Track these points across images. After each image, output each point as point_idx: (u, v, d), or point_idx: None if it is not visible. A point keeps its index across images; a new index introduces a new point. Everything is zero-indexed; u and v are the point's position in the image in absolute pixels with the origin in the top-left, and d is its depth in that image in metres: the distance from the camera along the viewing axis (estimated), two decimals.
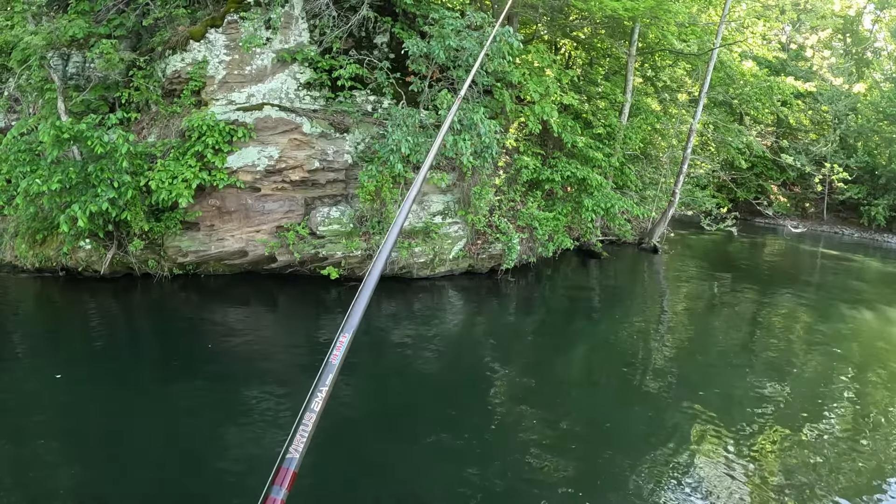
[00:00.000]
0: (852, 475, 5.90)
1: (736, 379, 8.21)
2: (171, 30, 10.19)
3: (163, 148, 9.87)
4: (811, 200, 27.45)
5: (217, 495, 5.01)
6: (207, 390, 6.80)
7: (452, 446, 6.00)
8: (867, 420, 7.24)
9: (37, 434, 5.79)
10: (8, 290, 10.14)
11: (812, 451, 6.34)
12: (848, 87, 25.01)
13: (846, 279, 16.86)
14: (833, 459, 6.17)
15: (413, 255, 10.86)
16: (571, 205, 13.78)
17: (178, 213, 9.97)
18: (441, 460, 5.76)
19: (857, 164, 24.88)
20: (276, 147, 9.98)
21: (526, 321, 10.74)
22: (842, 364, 9.12)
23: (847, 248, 22.44)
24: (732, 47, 18.74)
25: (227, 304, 9.95)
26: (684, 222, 23.37)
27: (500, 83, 11.72)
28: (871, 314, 12.59)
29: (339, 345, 1.96)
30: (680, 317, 11.82)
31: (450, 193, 11.45)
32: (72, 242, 9.68)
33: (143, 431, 5.87)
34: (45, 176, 9.00)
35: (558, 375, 8.23)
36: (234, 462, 5.45)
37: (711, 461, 5.96)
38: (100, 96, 10.49)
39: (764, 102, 19.15)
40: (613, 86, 16.50)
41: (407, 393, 7.21)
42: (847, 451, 6.38)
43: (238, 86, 10.11)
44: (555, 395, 7.48)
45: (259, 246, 10.28)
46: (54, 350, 7.89)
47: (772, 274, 17.12)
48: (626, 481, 5.56)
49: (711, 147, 21.76)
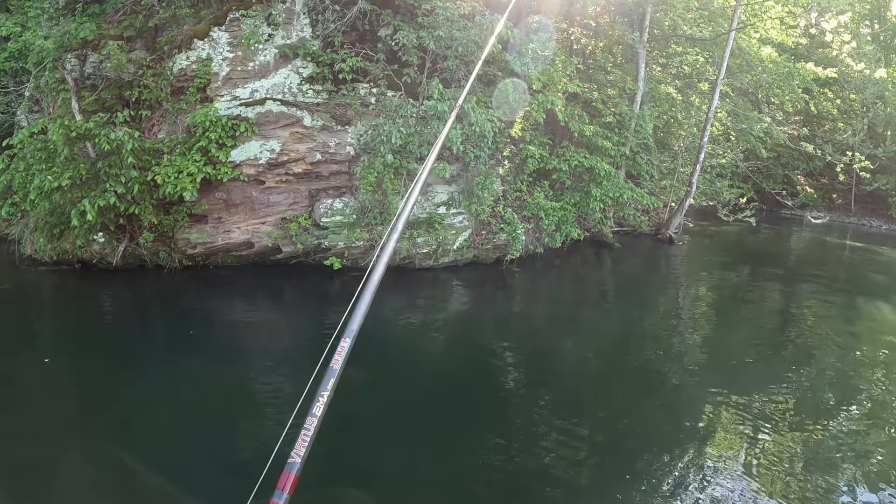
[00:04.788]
0: (876, 471, 5.82)
1: (754, 375, 8.05)
2: (177, 29, 10.50)
3: (170, 144, 10.18)
4: (839, 191, 26.67)
5: (214, 488, 5.08)
6: (210, 377, 7.04)
7: (458, 439, 6.03)
8: (890, 416, 7.09)
9: (42, 416, 6.08)
10: (28, 282, 10.57)
11: (834, 448, 6.21)
12: (869, 72, 24.23)
13: (871, 272, 16.38)
14: (857, 457, 6.05)
15: (415, 246, 10.98)
16: (580, 195, 13.72)
17: (185, 206, 10.27)
18: (446, 452, 5.82)
19: (886, 153, 24.10)
20: (277, 140, 10.21)
21: (531, 312, 10.77)
22: (865, 360, 8.89)
23: (874, 241, 21.78)
24: (752, 33, 18.40)
25: (233, 294, 10.21)
26: (707, 213, 22.98)
27: (503, 73, 11.77)
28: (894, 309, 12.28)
29: (339, 349, 1.98)
30: (690, 310, 11.68)
31: (454, 184, 11.53)
32: (85, 236, 10.05)
33: (145, 418, 6.06)
34: (57, 173, 9.39)
35: (565, 367, 8.23)
36: (233, 452, 5.56)
37: (729, 457, 5.89)
38: (115, 95, 10.87)
39: (784, 89, 18.72)
40: (626, 74, 16.34)
41: (411, 384, 7.26)
42: (871, 448, 6.26)
43: (242, 82, 10.36)
44: (562, 386, 7.49)
45: (264, 237, 10.52)
46: (61, 335, 8.26)
47: (792, 266, 16.74)
48: (639, 472, 5.55)
49: (732, 136, 21.38)
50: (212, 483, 5.10)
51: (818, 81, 20.14)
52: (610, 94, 15.33)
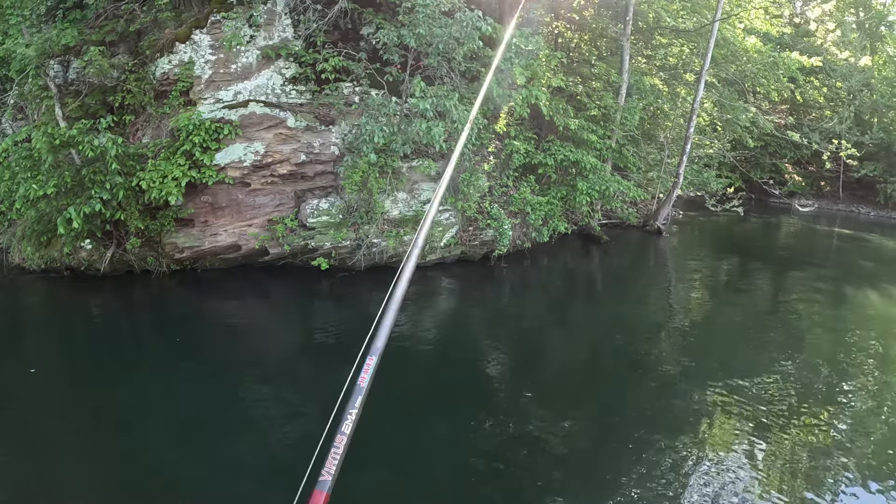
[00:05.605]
0: (873, 460, 5.88)
1: (746, 363, 8.14)
2: (159, 33, 10.49)
3: (154, 148, 10.18)
4: (826, 179, 26.84)
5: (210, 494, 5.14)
6: (202, 381, 7.10)
7: (446, 435, 6.09)
8: (886, 404, 7.16)
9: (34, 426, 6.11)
10: (17, 290, 10.57)
11: (828, 436, 6.29)
12: (854, 60, 24.36)
13: (860, 259, 16.54)
14: (852, 446, 6.10)
15: (403, 244, 11.02)
16: (566, 189, 13.77)
17: (171, 210, 10.27)
18: (434, 448, 5.90)
19: (872, 140, 24.24)
20: (261, 142, 10.22)
21: (519, 307, 10.84)
22: (856, 346, 9.02)
23: (863, 228, 21.96)
24: (736, 23, 18.47)
25: (221, 297, 10.25)
26: (695, 203, 23.10)
27: (486, 69, 11.79)
28: (884, 296, 12.38)
29: (366, 367, 2.02)
30: (679, 301, 11.79)
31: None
32: (72, 243, 10.05)
33: (142, 424, 6.11)
34: (42, 181, 9.39)
35: (555, 362, 8.30)
36: (226, 454, 5.62)
37: (722, 450, 5.96)
38: (99, 101, 10.85)
39: (769, 79, 18.81)
40: (610, 66, 16.39)
41: (399, 382, 7.19)
42: (866, 436, 6.32)
43: (225, 84, 10.36)
44: (553, 381, 7.56)
45: (251, 240, 10.54)
46: (49, 344, 8.29)
47: (781, 255, 16.87)
48: (630, 469, 5.58)
49: (718, 126, 21.47)
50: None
51: (803, 70, 20.23)
52: (595, 87, 15.38)
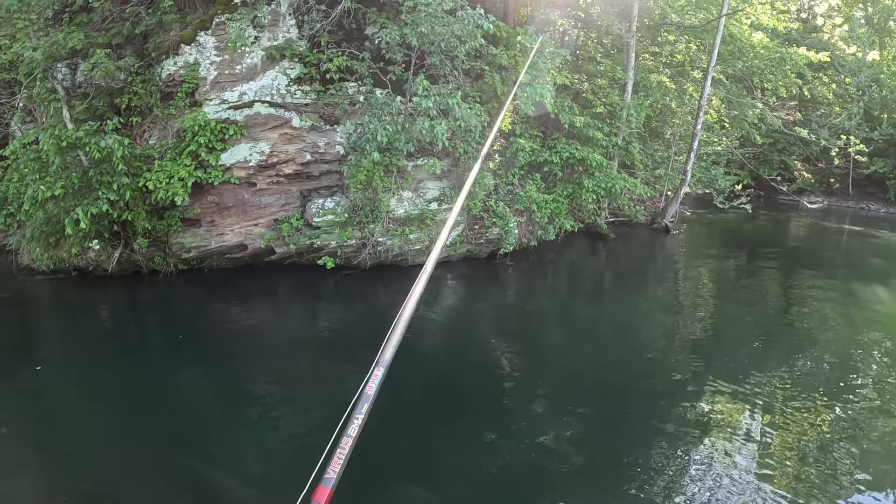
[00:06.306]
0: (885, 463, 5.82)
1: (756, 360, 8.08)
2: (164, 35, 10.57)
3: (160, 149, 10.25)
4: (836, 176, 26.61)
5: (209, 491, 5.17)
6: (208, 379, 7.17)
7: (454, 434, 6.07)
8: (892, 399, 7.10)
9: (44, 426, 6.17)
10: (26, 291, 10.67)
11: (837, 434, 6.23)
12: (862, 55, 24.15)
13: (870, 257, 16.37)
14: (864, 447, 6.03)
15: (408, 242, 11.04)
16: (572, 186, 13.74)
17: (178, 210, 10.34)
18: (440, 447, 5.89)
19: (882, 136, 24.01)
20: (266, 142, 10.28)
21: (525, 305, 10.83)
22: (866, 344, 8.92)
23: (872, 224, 21.74)
24: (743, 19, 18.37)
25: (228, 296, 10.29)
26: (703, 201, 22.98)
27: (491, 67, 11.81)
28: (894, 293, 12.26)
29: (373, 377, 2.15)
30: (688, 299, 11.73)
31: (445, 179, 11.58)
32: (80, 244, 10.13)
33: (148, 422, 6.13)
34: (50, 182, 9.49)
35: (562, 359, 8.27)
36: (230, 453, 5.64)
37: (733, 450, 5.89)
38: (106, 103, 10.94)
39: (777, 75, 18.69)
40: (616, 64, 16.35)
41: (404, 380, 7.16)
42: (878, 436, 6.25)
43: (230, 85, 10.43)
44: (560, 380, 7.54)
45: (257, 239, 10.60)
46: (57, 343, 8.36)
47: (790, 252, 16.74)
48: (639, 470, 5.54)
49: (726, 123, 21.36)
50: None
51: (811, 66, 20.07)
52: (600, 84, 15.34)
